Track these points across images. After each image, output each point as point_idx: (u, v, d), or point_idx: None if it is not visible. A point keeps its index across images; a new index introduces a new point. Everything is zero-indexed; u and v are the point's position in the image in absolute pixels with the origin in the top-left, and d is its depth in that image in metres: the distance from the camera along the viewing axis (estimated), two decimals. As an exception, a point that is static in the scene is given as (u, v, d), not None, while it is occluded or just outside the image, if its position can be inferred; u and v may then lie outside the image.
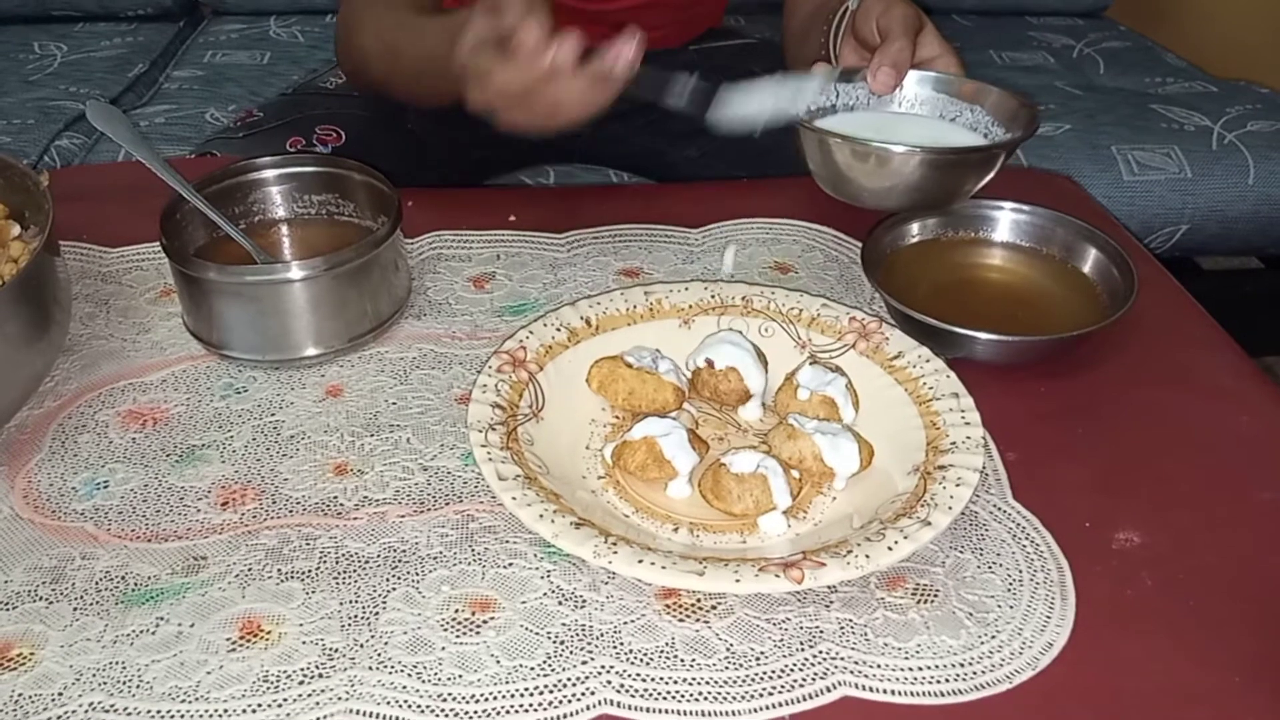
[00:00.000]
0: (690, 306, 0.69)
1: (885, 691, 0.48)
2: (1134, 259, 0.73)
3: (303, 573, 0.53)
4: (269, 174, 0.74)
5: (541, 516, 0.52)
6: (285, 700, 0.47)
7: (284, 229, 0.75)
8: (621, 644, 0.50)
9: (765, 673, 0.49)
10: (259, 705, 0.47)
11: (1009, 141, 0.77)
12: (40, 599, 0.52)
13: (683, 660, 0.49)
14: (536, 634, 0.50)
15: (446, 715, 0.47)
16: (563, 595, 0.52)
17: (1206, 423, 0.65)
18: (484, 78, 0.66)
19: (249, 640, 0.50)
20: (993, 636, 0.51)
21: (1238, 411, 0.66)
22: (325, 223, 0.76)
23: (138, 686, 0.48)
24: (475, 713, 0.47)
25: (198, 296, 0.66)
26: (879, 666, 0.49)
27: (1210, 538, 0.57)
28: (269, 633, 0.50)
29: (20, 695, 0.47)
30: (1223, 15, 1.81)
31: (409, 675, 0.48)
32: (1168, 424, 0.65)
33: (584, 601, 0.52)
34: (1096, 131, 1.39)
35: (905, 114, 0.81)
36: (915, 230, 0.78)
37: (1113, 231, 0.78)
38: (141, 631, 0.50)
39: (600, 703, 0.47)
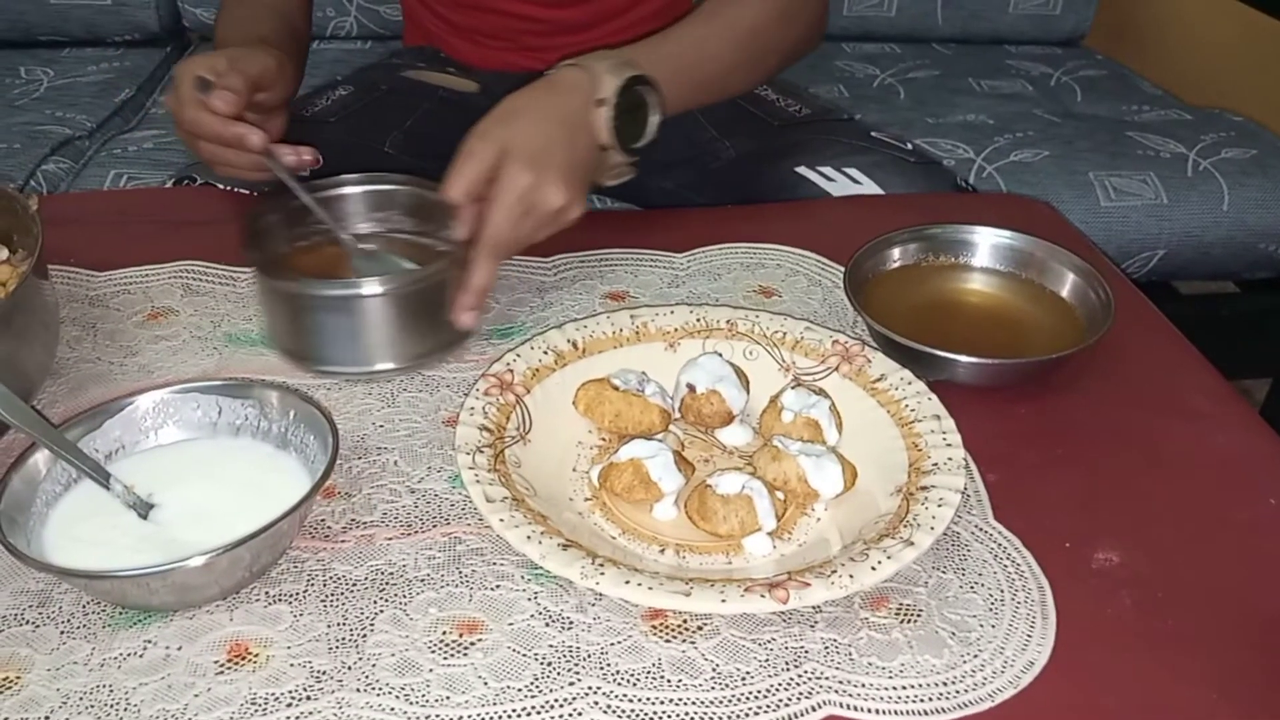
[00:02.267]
0: (676, 330, 0.69)
1: (869, 711, 0.49)
2: (1111, 283, 0.74)
3: (290, 595, 0.54)
4: (355, 190, 0.76)
5: (529, 538, 0.53)
6: (273, 722, 0.47)
7: (370, 245, 0.75)
8: (609, 665, 0.50)
9: (751, 692, 0.49)
10: (247, 728, 0.47)
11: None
12: (27, 622, 0.52)
13: (669, 681, 0.50)
14: (524, 655, 0.51)
15: (434, 737, 0.47)
16: (550, 616, 0.53)
17: (1184, 443, 0.66)
18: (172, 109, 0.77)
19: (237, 663, 0.50)
20: (975, 655, 0.51)
21: (1214, 432, 0.67)
22: (404, 242, 0.75)
23: (125, 710, 0.48)
24: (463, 734, 0.47)
25: (266, 304, 0.70)
26: (863, 686, 0.50)
27: (1188, 556, 0.58)
28: (257, 655, 0.50)
29: (7, 719, 0.47)
30: (1198, 44, 1.85)
31: (397, 697, 0.48)
32: (1146, 445, 0.66)
33: (571, 623, 0.52)
34: (1074, 158, 1.41)
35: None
36: (897, 255, 0.80)
37: (1090, 256, 0.79)
38: (129, 654, 0.50)
39: (588, 723, 0.48)
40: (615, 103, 0.74)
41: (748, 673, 0.50)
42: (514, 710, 0.48)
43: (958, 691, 0.49)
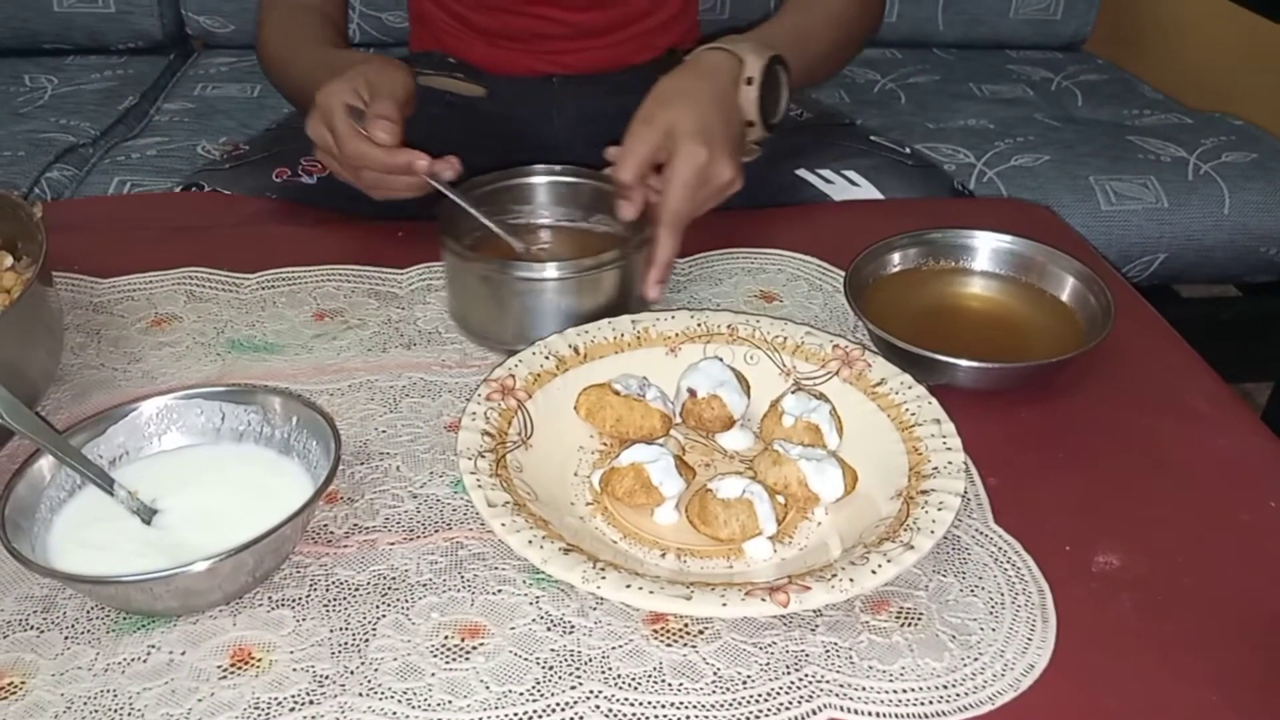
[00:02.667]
0: (677, 335, 0.70)
1: (870, 714, 0.49)
2: (1111, 287, 0.74)
3: (293, 600, 0.54)
4: (537, 180, 0.80)
5: (530, 542, 0.53)
6: (276, 727, 0.47)
7: (544, 234, 0.80)
8: (610, 669, 0.50)
9: (752, 696, 0.49)
10: (250, 732, 0.47)
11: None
12: (31, 628, 0.52)
13: (670, 684, 0.50)
14: (525, 659, 0.51)
15: (437, 740, 0.47)
16: (551, 621, 0.53)
17: (1184, 447, 0.67)
18: (321, 138, 0.78)
19: (240, 668, 0.50)
20: (975, 659, 0.51)
21: (1215, 435, 0.68)
22: (582, 231, 0.80)
23: (129, 714, 0.48)
24: (465, 738, 0.47)
25: (458, 282, 0.74)
26: (864, 689, 0.50)
27: (1189, 559, 0.58)
28: (260, 660, 0.51)
29: (11, 724, 0.47)
30: (1199, 48, 1.85)
31: (399, 701, 0.49)
32: (1146, 448, 0.66)
33: (572, 627, 0.53)
34: (1075, 162, 1.41)
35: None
36: (897, 259, 0.80)
37: (1090, 260, 0.79)
38: (133, 660, 0.50)
39: (589, 727, 0.48)
40: (761, 81, 0.79)
41: (749, 676, 0.50)
42: (516, 714, 0.48)
43: (958, 694, 0.49)
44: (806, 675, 0.50)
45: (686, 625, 0.53)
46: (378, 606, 0.54)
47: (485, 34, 1.11)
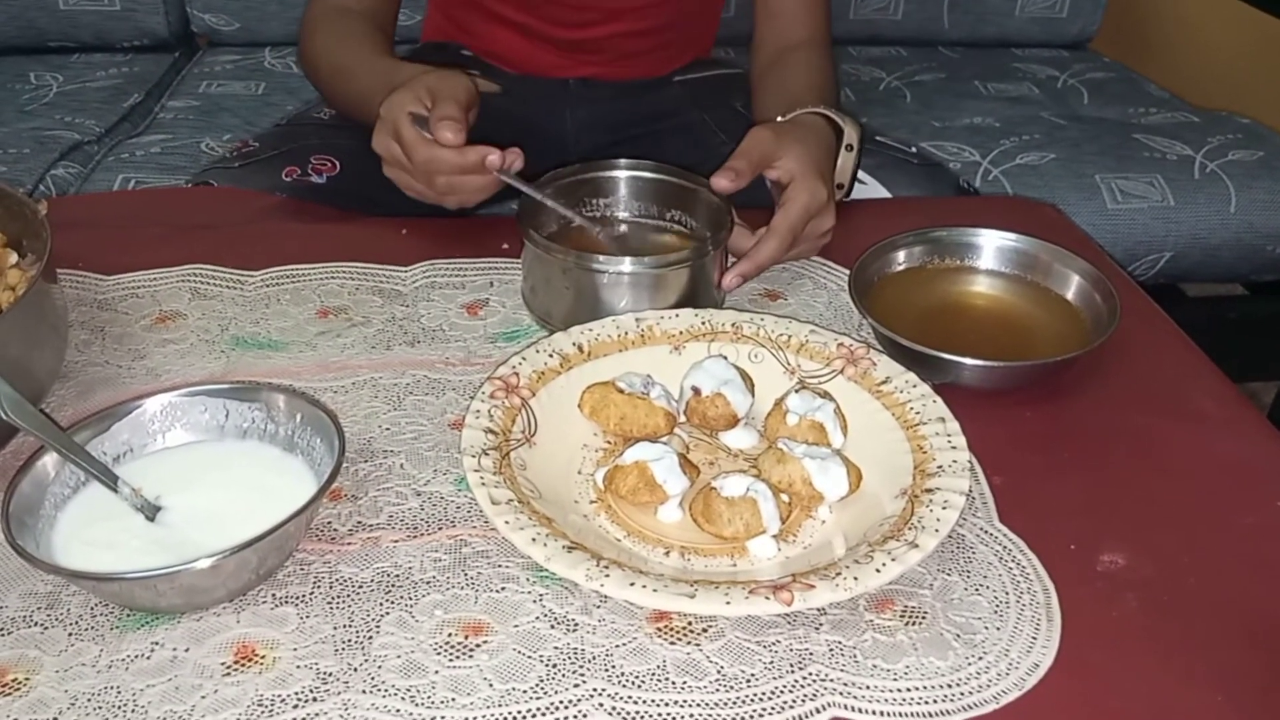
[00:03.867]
0: (681, 333, 0.70)
1: (874, 713, 0.49)
2: (1116, 285, 0.74)
3: (297, 597, 0.54)
4: (616, 174, 0.82)
5: (534, 540, 0.53)
6: (279, 724, 0.47)
7: (622, 227, 0.82)
8: (614, 667, 0.50)
9: (756, 694, 0.49)
10: (253, 729, 0.47)
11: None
12: (35, 624, 0.52)
13: (674, 683, 0.50)
14: (529, 657, 0.51)
15: (440, 738, 0.47)
16: (555, 619, 0.53)
17: (1189, 446, 0.66)
18: (388, 150, 0.78)
19: (244, 665, 0.50)
20: (980, 658, 0.51)
21: (1220, 435, 0.67)
22: (656, 227, 0.82)
23: (133, 711, 0.48)
24: (468, 735, 0.47)
25: (538, 274, 0.75)
26: (868, 688, 0.50)
27: (1193, 559, 0.58)
28: (263, 657, 0.51)
29: (15, 720, 0.47)
30: (1204, 47, 1.85)
31: (402, 699, 0.49)
32: (1151, 448, 0.66)
33: (576, 625, 0.53)
34: (1080, 161, 1.41)
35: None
36: (902, 258, 0.80)
37: (1095, 259, 0.79)
38: (136, 656, 0.50)
39: (592, 725, 0.48)
40: (859, 148, 0.85)
41: (753, 675, 0.50)
42: (519, 712, 0.48)
43: (963, 693, 0.49)
44: (811, 674, 0.50)
45: (690, 623, 0.53)
46: (381, 604, 0.54)
47: (515, 27, 1.11)
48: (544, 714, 0.48)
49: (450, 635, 0.52)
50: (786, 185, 0.78)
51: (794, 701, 0.49)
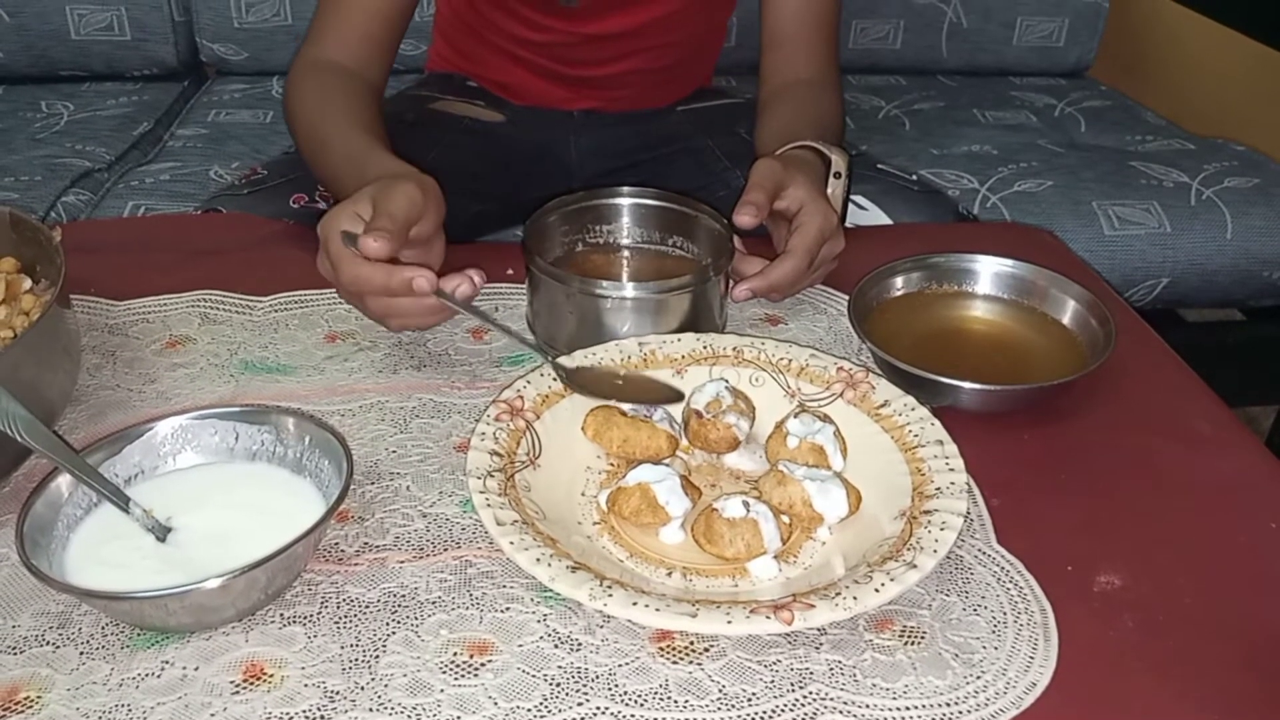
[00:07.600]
0: (683, 357, 0.71)
1: (874, 731, 0.49)
2: (1112, 310, 0.75)
3: (305, 617, 0.55)
4: (621, 203, 0.83)
5: (539, 560, 0.54)
6: (288, 741, 0.48)
7: (625, 254, 0.84)
8: (617, 686, 0.51)
9: (757, 713, 0.50)
10: (262, 746, 0.48)
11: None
12: (47, 643, 0.53)
13: (676, 701, 0.50)
14: (533, 676, 0.52)
15: (445, 755, 0.48)
16: (559, 638, 0.54)
17: (1185, 468, 0.67)
18: (326, 271, 0.71)
19: (252, 683, 0.51)
20: (978, 677, 0.52)
21: (1216, 457, 0.68)
22: (658, 255, 0.83)
23: (143, 728, 0.49)
24: (474, 753, 0.48)
25: (542, 298, 0.76)
26: (868, 707, 0.50)
27: (1190, 580, 0.58)
28: (272, 676, 0.51)
29: (27, 737, 0.48)
30: (1201, 75, 1.87)
31: (408, 717, 0.49)
32: (1147, 470, 0.67)
33: (580, 644, 0.53)
34: (1078, 187, 1.43)
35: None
36: (901, 283, 0.81)
37: (1091, 284, 0.80)
38: (147, 675, 0.51)
39: (596, 743, 0.48)
40: (848, 175, 0.87)
41: (754, 693, 0.51)
42: (523, 730, 0.49)
43: (961, 713, 0.50)
44: (811, 693, 0.51)
45: (692, 643, 0.53)
46: (388, 624, 0.54)
47: (526, 64, 1.12)
48: (548, 732, 0.49)
49: (455, 654, 0.53)
50: (796, 212, 0.79)
51: (795, 720, 0.50)
